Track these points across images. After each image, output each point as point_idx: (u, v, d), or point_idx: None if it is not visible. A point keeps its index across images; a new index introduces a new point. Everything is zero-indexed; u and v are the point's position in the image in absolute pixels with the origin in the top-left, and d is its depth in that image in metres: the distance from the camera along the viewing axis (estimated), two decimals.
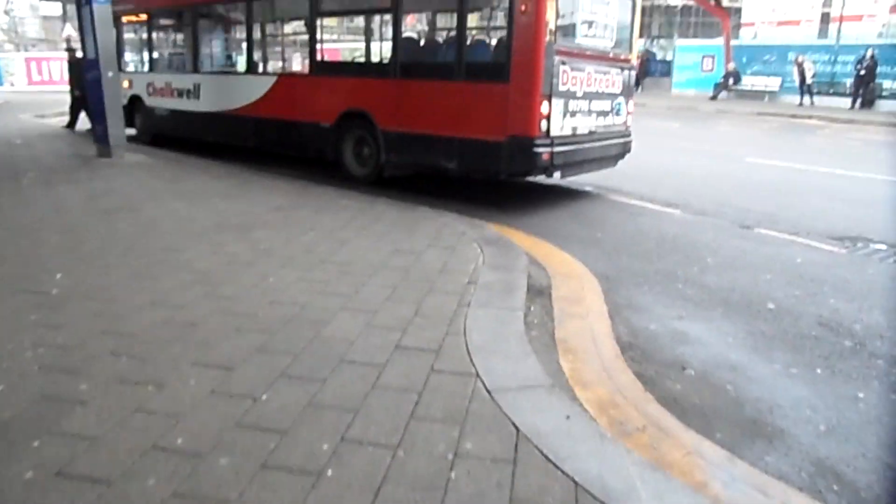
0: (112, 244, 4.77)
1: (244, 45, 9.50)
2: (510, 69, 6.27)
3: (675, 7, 54.03)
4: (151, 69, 11.42)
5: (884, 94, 20.62)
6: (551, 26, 6.13)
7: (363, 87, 7.85)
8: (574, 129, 6.82)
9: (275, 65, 9.58)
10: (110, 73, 8.89)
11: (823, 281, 4.78)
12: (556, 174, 6.91)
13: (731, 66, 24.43)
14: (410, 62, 7.51)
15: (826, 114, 18.71)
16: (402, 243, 4.87)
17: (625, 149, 7.91)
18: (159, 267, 4.23)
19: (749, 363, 3.43)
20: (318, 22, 8.27)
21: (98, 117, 9.12)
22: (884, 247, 5.75)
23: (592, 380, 3.08)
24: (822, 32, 42.05)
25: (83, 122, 12.25)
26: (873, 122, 17.04)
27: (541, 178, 7.50)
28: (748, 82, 24.45)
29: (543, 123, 6.29)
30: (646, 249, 5.51)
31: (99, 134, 9.19)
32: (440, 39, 7.96)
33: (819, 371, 3.37)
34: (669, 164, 10.13)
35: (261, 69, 9.43)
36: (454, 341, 3.14)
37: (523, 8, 6.12)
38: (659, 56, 29.85)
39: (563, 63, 6.41)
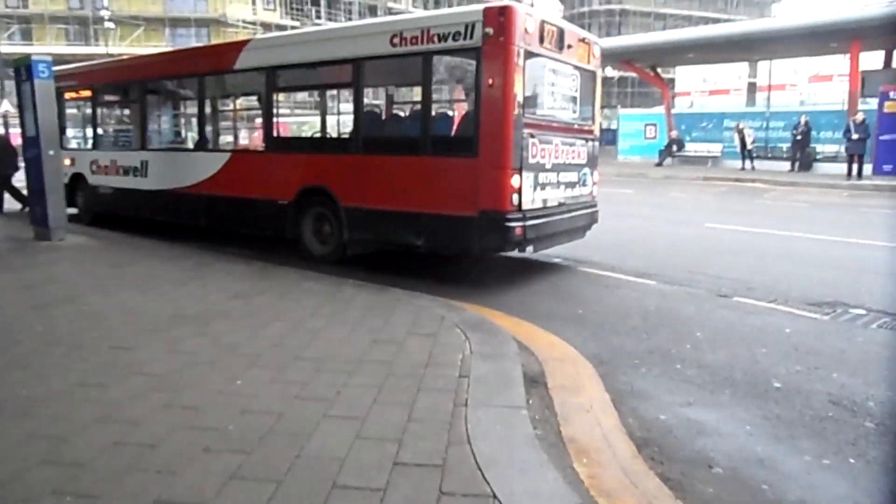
0: (51, 344, 4.23)
1: (195, 120, 9.16)
2: (478, 143, 6.11)
3: (613, 78, 56.78)
4: (95, 146, 10.94)
5: (818, 157, 21.57)
6: (519, 99, 6.01)
7: (323, 163, 7.57)
8: (545, 201, 6.66)
9: (228, 141, 9.25)
10: (51, 152, 8.39)
11: (819, 353, 4.64)
12: (529, 248, 6.70)
13: (675, 133, 25.36)
14: (373, 136, 7.30)
15: (768, 177, 19.36)
16: (380, 332, 4.47)
17: (592, 219, 7.79)
18: (108, 371, 3.71)
19: (777, 456, 3.13)
20: (275, 96, 8.02)
21: (37, 198, 8.55)
22: (863, 311, 5.69)
23: (616, 488, 2.73)
24: (751, 101, 44.73)
25: (9, 202, 11.67)
26: (813, 185, 17.69)
27: (511, 252, 7.24)
28: (691, 148, 25.34)
29: (515, 197, 6.11)
30: (632, 326, 5.28)
31: (37, 216, 8.60)
32: (404, 113, 7.78)
33: (853, 461, 3.09)
34: (632, 231, 10.11)
35: (213, 145, 9.08)
36: (459, 452, 2.74)
37: (490, 81, 5.98)
38: (604, 125, 30.79)
39: (532, 136, 6.28)
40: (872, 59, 22.25)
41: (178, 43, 41.16)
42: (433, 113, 6.77)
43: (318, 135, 8.46)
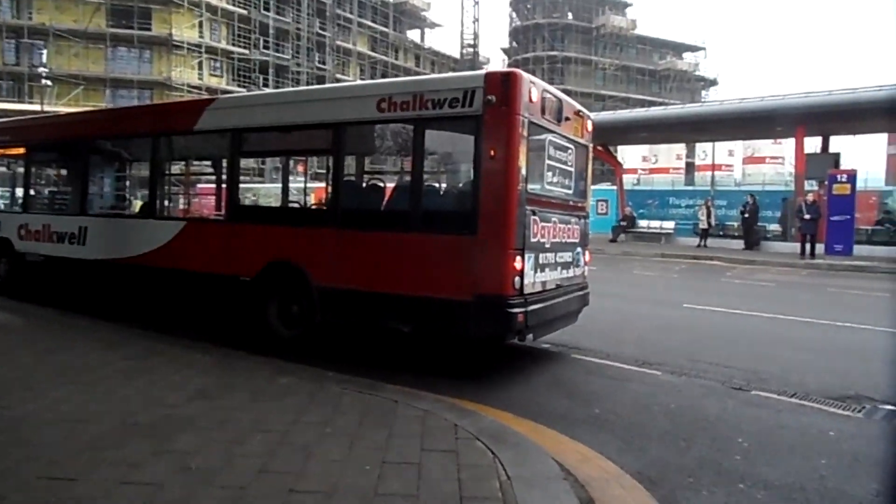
0: None
1: (145, 184, 8.24)
2: (478, 219, 5.49)
3: None
4: (25, 209, 9.81)
5: (768, 235, 22.05)
6: (523, 172, 5.47)
7: (294, 237, 6.77)
8: (544, 284, 6.05)
9: (182, 208, 8.35)
10: None
11: (885, 464, 4.11)
12: (529, 336, 5.99)
13: (628, 210, 25.69)
14: (354, 209, 6.60)
15: (723, 254, 19.49)
16: (387, 450, 3.64)
17: (585, 301, 7.21)
18: None
19: None
20: (240, 161, 7.25)
21: None
22: (892, 407, 5.34)
23: None
24: (689, 180, 46.50)
25: None
26: (770, 263, 17.83)
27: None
28: (644, 225, 25.63)
29: (517, 280, 5.46)
30: (663, 431, 4.64)
31: None
32: (391, 184, 7.05)
33: None
34: (613, 312, 9.63)
35: (165, 212, 8.18)
36: None
37: (493, 153, 5.41)
38: None
39: (534, 213, 5.74)
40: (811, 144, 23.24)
41: (119, 104, 39.87)
42: (424, 185, 6.16)
43: (289, 205, 7.67)
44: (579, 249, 7.05)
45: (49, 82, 33.65)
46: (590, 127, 7.28)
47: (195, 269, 7.32)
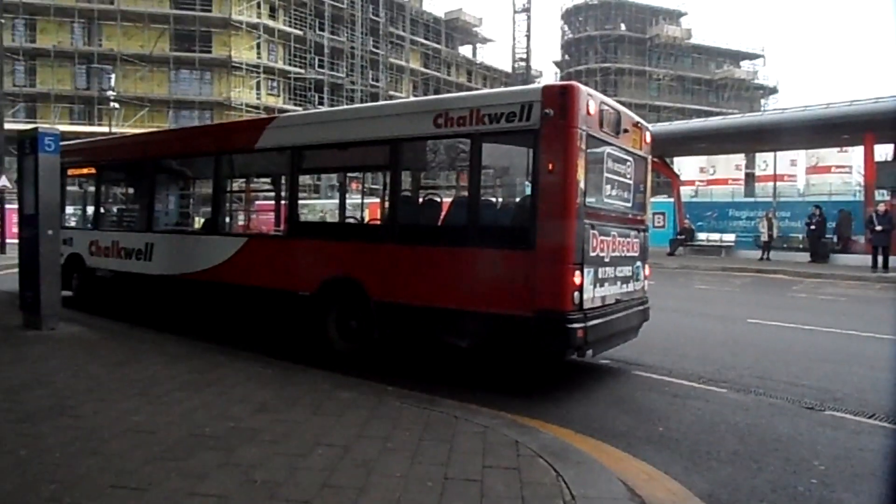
0: (34, 479, 3.33)
1: (209, 202, 8.47)
2: (536, 234, 5.45)
3: None
4: (96, 226, 10.23)
5: (836, 248, 21.15)
6: (581, 186, 5.41)
7: (352, 252, 6.83)
8: (603, 298, 5.95)
9: (244, 224, 8.54)
10: (50, 231, 7.66)
11: None
12: (589, 353, 5.90)
13: (687, 222, 25.08)
14: (412, 224, 6.64)
15: (789, 268, 18.78)
16: (448, 465, 3.59)
17: (645, 316, 7.07)
18: None
19: None
20: (299, 178, 7.39)
21: (29, 281, 7.75)
22: None
23: None
24: (748, 191, 45.19)
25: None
26: (839, 276, 17.10)
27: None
28: (703, 237, 24.96)
29: (576, 295, 5.40)
30: (732, 451, 4.46)
31: (28, 300, 7.77)
32: (449, 199, 7.05)
33: None
34: (673, 327, 9.39)
35: (227, 229, 8.39)
36: None
37: (551, 167, 5.38)
38: None
39: (592, 226, 5.66)
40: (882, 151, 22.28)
41: (182, 124, 41.39)
42: (482, 200, 6.15)
43: (347, 221, 7.79)
44: (639, 263, 6.90)
45: (117, 105, 35.12)
46: (648, 139, 7.14)
47: (256, 283, 7.46)
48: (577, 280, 5.39)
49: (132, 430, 4.09)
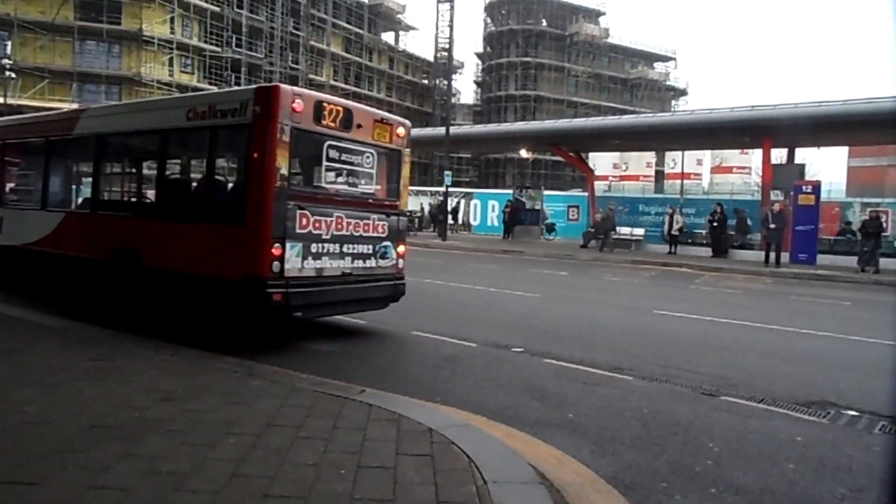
0: None
1: (41, 182, 9.45)
2: (245, 212, 6.41)
3: (527, 160, 58.74)
4: None
5: (735, 244, 22.44)
6: (283, 171, 6.35)
7: (131, 227, 7.82)
8: (319, 270, 6.84)
9: (65, 201, 9.72)
10: None
11: (848, 469, 4.21)
12: (298, 314, 6.83)
13: (599, 216, 25.90)
14: (166, 203, 7.71)
15: (692, 262, 19.79)
16: (361, 453, 3.59)
17: (395, 291, 7.95)
18: None
19: None
20: (102, 162, 8.61)
21: None
22: (855, 413, 5.44)
23: None
24: (658, 188, 47.24)
25: None
26: (737, 271, 18.17)
27: (453, 339, 7.43)
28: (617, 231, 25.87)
29: (276, 265, 6.34)
30: (636, 435, 4.68)
31: None
32: (192, 182, 8.20)
33: None
34: (583, 318, 9.79)
35: (54, 206, 9.37)
36: None
37: (256, 155, 6.35)
38: (528, 205, 31.09)
39: (300, 207, 6.57)
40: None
41: (86, 99, 39.04)
42: (214, 182, 7.32)
43: (131, 200, 8.90)
44: (387, 243, 7.75)
45: (13, 74, 32.79)
46: (401, 133, 7.96)
47: (71, 252, 8.40)
48: (276, 251, 6.31)
49: (26, 423, 3.86)
